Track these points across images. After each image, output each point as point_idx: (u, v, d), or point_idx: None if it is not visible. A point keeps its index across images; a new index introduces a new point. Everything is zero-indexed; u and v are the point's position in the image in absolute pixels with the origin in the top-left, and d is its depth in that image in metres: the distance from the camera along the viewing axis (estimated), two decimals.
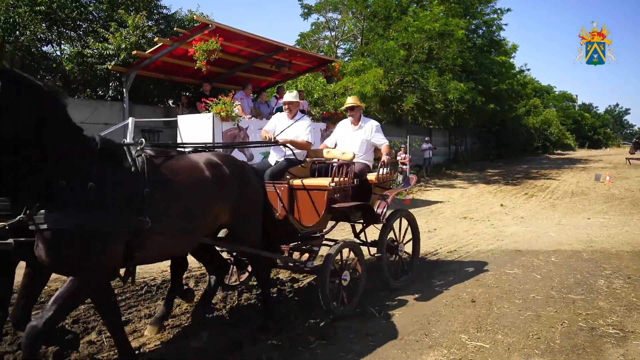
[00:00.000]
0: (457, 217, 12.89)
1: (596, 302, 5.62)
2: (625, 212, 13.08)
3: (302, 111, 14.08)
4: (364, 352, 4.27)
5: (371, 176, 6.25)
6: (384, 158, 6.17)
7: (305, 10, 25.28)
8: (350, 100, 6.47)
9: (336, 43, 25.89)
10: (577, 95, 74.98)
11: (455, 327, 4.87)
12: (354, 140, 6.28)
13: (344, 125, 6.54)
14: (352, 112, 6.42)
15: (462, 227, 11.12)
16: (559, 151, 48.39)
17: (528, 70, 44.87)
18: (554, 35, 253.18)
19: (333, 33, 26.31)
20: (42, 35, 12.14)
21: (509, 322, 4.99)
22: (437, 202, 16.12)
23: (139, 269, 6.91)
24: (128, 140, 10.32)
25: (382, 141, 6.36)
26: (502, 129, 33.93)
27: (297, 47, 18.42)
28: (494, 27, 27.70)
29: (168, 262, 7.32)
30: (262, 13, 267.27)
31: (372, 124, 6.42)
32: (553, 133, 47.15)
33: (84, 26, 13.53)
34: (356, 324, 4.89)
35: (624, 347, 4.37)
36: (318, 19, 26.10)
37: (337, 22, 25.91)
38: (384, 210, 6.03)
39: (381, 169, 6.19)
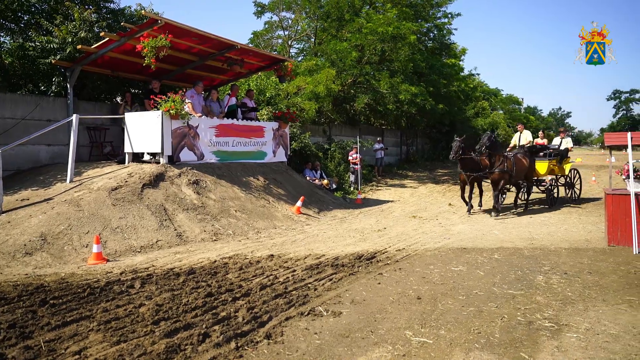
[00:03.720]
0: (406, 216, 13.15)
1: (534, 297, 5.87)
2: (564, 211, 13.69)
3: (253, 109, 14.08)
4: (311, 350, 4.30)
5: None
6: None
7: (259, 9, 25.17)
8: None
9: (289, 42, 25.87)
10: (522, 99, 77.73)
11: (401, 323, 4.97)
12: None
13: None
14: None
15: (411, 225, 11.35)
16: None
17: (478, 74, 46.04)
18: (501, 39, 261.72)
19: (286, 32, 26.29)
20: None
21: (452, 318, 5.14)
22: (388, 201, 16.40)
23: (83, 270, 6.73)
24: (73, 137, 10.02)
25: None
26: (452, 130, 34.77)
27: (249, 45, 18.27)
28: (445, 31, 28.38)
29: (112, 265, 7.16)
30: (216, 11, 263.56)
31: None
32: (500, 134, 48.68)
33: (25, 18, 12.94)
34: (303, 323, 4.92)
35: (558, 340, 4.59)
36: (271, 17, 26.05)
37: (290, 22, 25.92)
38: None
39: None
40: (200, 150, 11.79)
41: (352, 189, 18.00)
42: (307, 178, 15.84)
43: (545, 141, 15.59)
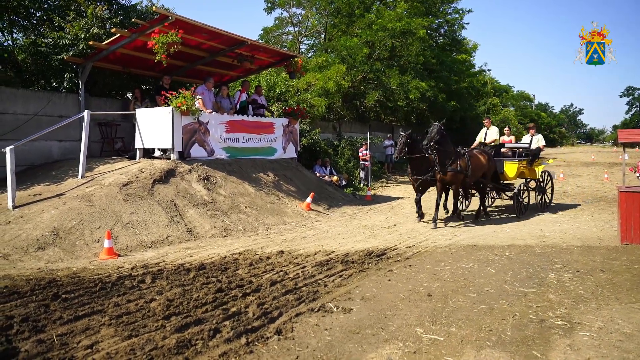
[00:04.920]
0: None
1: (546, 295, 5.81)
2: (576, 209, 13.56)
3: (262, 106, 14.08)
4: (321, 347, 4.29)
5: None
6: None
7: (269, 5, 25.17)
8: None
9: (300, 38, 25.84)
10: (534, 95, 77.19)
11: (412, 320, 4.95)
12: None
13: None
14: None
15: (422, 222, 11.30)
16: None
17: (489, 70, 45.73)
18: (513, 36, 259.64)
19: (297, 28, 26.27)
20: None
21: (463, 315, 5.11)
22: (398, 198, 16.34)
23: (95, 265, 6.79)
24: (84, 133, 10.09)
25: None
26: (462, 127, 34.62)
27: (259, 41, 18.26)
28: (456, 27, 28.21)
29: (123, 260, 7.21)
30: (225, 6, 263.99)
31: None
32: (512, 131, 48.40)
33: (37, 14, 13.03)
34: (313, 319, 4.91)
35: (571, 338, 4.54)
36: (282, 13, 26.04)
37: (300, 18, 25.88)
38: None
39: None
40: (210, 146, 11.82)
41: (362, 185, 17.96)
42: (317, 174, 15.83)
43: (512, 139, 13.91)
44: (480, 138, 13.25)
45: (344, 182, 16.71)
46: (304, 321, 4.86)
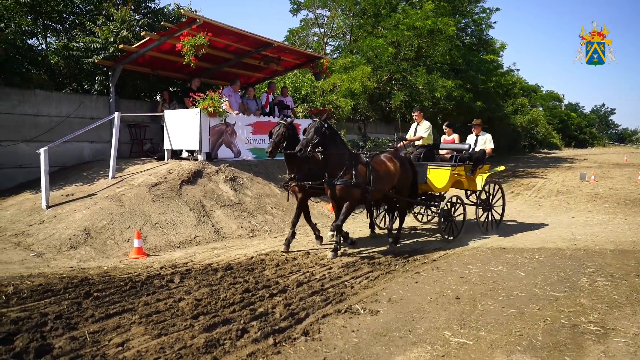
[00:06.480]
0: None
1: (578, 300, 5.68)
2: (609, 211, 13.24)
3: (288, 107, 14.13)
4: (348, 349, 4.28)
5: None
6: None
7: (295, 6, 25.24)
8: None
9: (325, 40, 25.83)
10: (563, 95, 75.70)
11: (439, 323, 4.90)
12: None
13: None
14: None
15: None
16: (546, 150, 48.78)
17: (517, 70, 44.94)
18: (541, 35, 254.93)
19: (322, 30, 26.26)
20: (27, 27, 11.94)
21: (493, 319, 5.03)
22: None
23: (125, 264, 6.90)
24: (115, 134, 10.28)
25: None
26: (490, 128, 34.11)
27: (285, 43, 18.34)
28: (483, 26, 27.80)
29: (152, 259, 7.31)
30: (252, 8, 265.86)
31: None
32: (540, 132, 47.44)
33: (70, 19, 13.37)
34: (340, 321, 4.90)
35: (605, 344, 4.43)
36: (307, 15, 26.06)
37: (326, 19, 25.86)
38: None
39: None
40: (237, 148, 11.91)
41: None
42: None
43: (454, 138, 10.90)
44: (409, 135, 10.54)
45: None
46: (330, 322, 4.85)
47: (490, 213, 10.34)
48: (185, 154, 11.81)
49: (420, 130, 10.28)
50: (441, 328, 4.78)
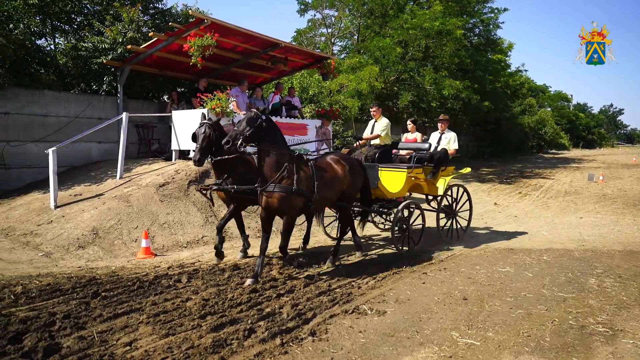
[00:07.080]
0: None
1: (587, 301, 5.65)
2: (617, 212, 13.15)
3: (295, 107, 14.14)
4: (355, 349, 4.28)
5: None
6: None
7: (302, 7, 25.24)
8: None
9: (332, 40, 25.82)
10: (572, 95, 75.26)
11: (447, 324, 4.89)
12: None
13: None
14: None
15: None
16: (554, 151, 48.56)
17: (526, 71, 44.72)
18: (549, 35, 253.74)
19: (329, 30, 26.25)
20: (35, 28, 12.02)
21: (500, 320, 5.01)
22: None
23: (132, 264, 6.94)
24: (123, 134, 10.33)
25: None
26: (497, 128, 33.96)
27: (293, 43, 18.35)
28: (491, 26, 27.67)
29: (160, 259, 7.34)
30: (259, 8, 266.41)
31: None
32: (548, 132, 47.23)
33: (78, 20, 13.45)
34: (348, 321, 4.90)
35: (613, 345, 4.40)
36: (314, 15, 26.06)
37: (333, 19, 25.84)
38: None
39: None
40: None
41: None
42: None
43: (417, 136, 9.99)
44: (366, 133, 9.47)
45: None
46: (338, 323, 4.85)
47: (454, 220, 9.35)
48: (192, 154, 11.82)
49: (378, 127, 9.14)
50: (449, 329, 4.77)
